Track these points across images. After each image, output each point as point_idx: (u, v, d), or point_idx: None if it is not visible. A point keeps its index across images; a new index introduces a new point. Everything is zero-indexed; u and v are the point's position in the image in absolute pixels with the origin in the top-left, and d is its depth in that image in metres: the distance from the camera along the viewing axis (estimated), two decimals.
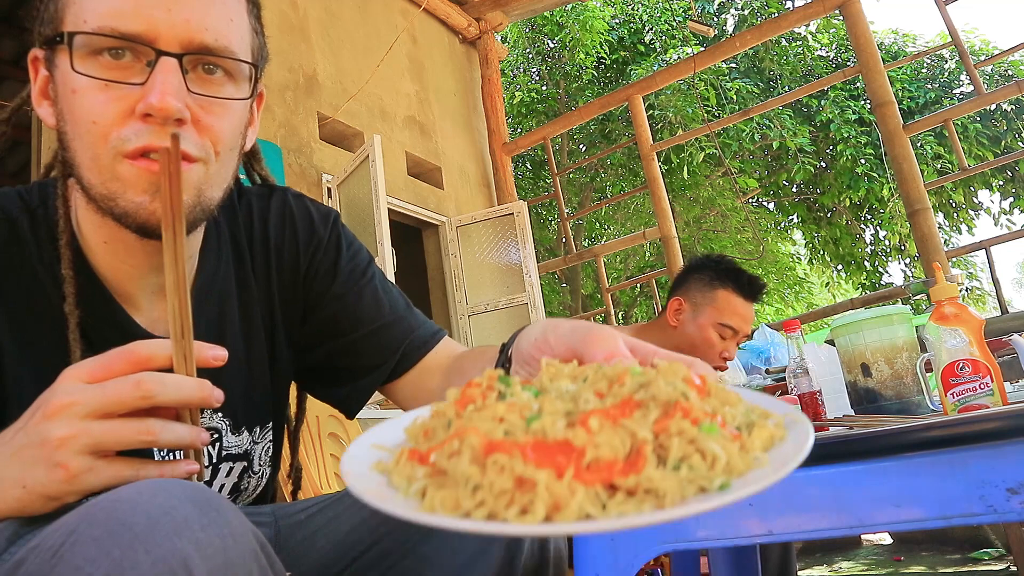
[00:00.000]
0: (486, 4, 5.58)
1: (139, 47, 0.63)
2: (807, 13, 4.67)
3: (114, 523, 0.44)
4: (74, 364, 0.55)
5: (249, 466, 0.88)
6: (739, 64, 9.45)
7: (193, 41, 0.64)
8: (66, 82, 0.65)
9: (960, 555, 3.24)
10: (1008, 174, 8.88)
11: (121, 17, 0.62)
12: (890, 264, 9.93)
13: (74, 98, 0.64)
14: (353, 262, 0.90)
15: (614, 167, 10.04)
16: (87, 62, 0.63)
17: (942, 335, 0.95)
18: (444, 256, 5.03)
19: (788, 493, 0.69)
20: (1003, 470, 0.60)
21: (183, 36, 0.64)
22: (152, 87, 0.62)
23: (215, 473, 0.85)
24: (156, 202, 0.64)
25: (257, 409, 0.88)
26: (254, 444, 0.89)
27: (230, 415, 0.85)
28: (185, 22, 0.64)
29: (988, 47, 9.15)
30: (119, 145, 0.63)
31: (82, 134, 0.64)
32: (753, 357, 3.41)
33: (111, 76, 0.63)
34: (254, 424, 0.88)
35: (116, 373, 0.53)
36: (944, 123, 4.11)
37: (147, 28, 0.62)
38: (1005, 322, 2.77)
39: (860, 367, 1.23)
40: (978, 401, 0.91)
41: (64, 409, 0.52)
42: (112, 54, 0.63)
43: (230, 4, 0.68)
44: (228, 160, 0.71)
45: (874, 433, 0.76)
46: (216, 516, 0.47)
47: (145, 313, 0.78)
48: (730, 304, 1.88)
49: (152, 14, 0.62)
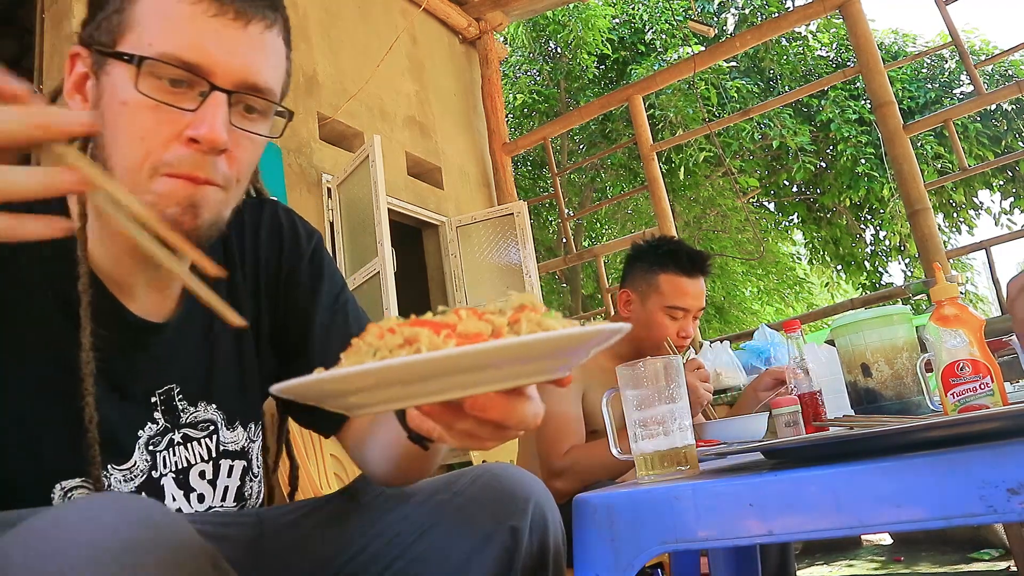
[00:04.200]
0: (486, 4, 5.58)
1: (196, 78, 0.68)
2: (807, 13, 4.67)
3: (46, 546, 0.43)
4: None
5: (248, 467, 0.89)
6: (739, 64, 9.45)
7: (245, 81, 0.71)
8: (117, 93, 0.69)
9: (960, 555, 3.23)
10: (1008, 174, 8.87)
11: (186, 49, 0.67)
12: (890, 264, 9.93)
13: (124, 110, 0.68)
14: (331, 285, 0.94)
15: (614, 167, 10.04)
16: (145, 81, 0.67)
17: (942, 335, 0.95)
18: (444, 256, 5.03)
19: (788, 493, 0.69)
20: (1003, 470, 0.60)
21: (237, 75, 0.70)
22: (204, 118, 0.68)
23: (216, 471, 0.85)
24: (187, 215, 0.68)
25: (251, 406, 0.90)
26: (250, 442, 0.90)
27: (224, 409, 0.86)
28: (240, 63, 0.70)
29: (988, 47, 9.15)
30: (158, 165, 0.68)
31: (125, 144, 0.68)
32: (753, 357, 3.42)
33: (165, 99, 0.68)
34: (248, 420, 0.89)
35: None
36: (944, 123, 4.11)
37: (207, 63, 0.68)
38: (1005, 322, 2.77)
39: (860, 367, 1.23)
40: (978, 401, 0.91)
41: None
42: (169, 79, 0.68)
43: (278, 51, 0.75)
44: (244, 185, 0.77)
45: (874, 433, 0.76)
46: (160, 531, 0.47)
47: (139, 303, 0.79)
48: (673, 286, 1.87)
49: (213, 51, 0.68)
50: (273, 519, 0.84)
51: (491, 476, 0.80)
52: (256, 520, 0.83)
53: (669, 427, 0.88)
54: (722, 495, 0.72)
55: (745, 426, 1.48)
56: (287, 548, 0.83)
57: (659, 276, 1.89)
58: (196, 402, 0.84)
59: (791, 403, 1.29)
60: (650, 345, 1.86)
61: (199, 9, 0.68)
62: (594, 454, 1.68)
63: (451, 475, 0.84)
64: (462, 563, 0.76)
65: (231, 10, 0.69)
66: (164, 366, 0.82)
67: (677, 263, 1.89)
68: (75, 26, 0.76)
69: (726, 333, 7.97)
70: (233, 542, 0.78)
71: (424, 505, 0.81)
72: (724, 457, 1.14)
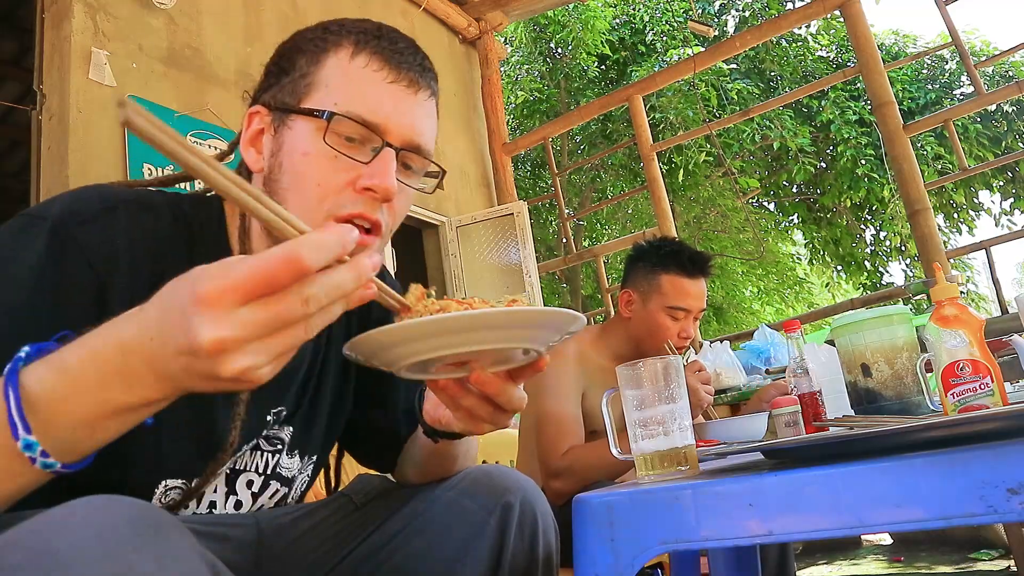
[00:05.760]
0: (486, 4, 5.58)
1: (371, 135, 0.77)
2: (807, 13, 4.67)
3: (37, 549, 0.43)
4: (221, 266, 0.48)
5: (287, 496, 0.91)
6: (740, 65, 9.45)
7: (412, 141, 0.80)
8: (298, 146, 0.77)
9: (960, 555, 3.23)
10: (1008, 175, 8.88)
11: (368, 110, 0.76)
12: (890, 264, 9.93)
13: (305, 160, 0.76)
14: None
15: (614, 167, 10.04)
16: (329, 135, 0.75)
17: (942, 335, 0.95)
18: (444, 256, 5.03)
19: (788, 493, 0.69)
20: (1003, 470, 0.60)
21: (406, 136, 0.79)
22: (378, 170, 0.76)
23: (264, 488, 0.87)
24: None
25: (319, 442, 0.93)
26: (300, 473, 0.92)
27: (296, 436, 0.89)
28: (410, 126, 0.79)
29: (988, 48, 9.15)
30: (334, 209, 0.75)
31: (302, 190, 0.76)
32: (753, 357, 3.42)
33: (344, 151, 0.76)
34: (309, 452, 0.92)
35: (278, 288, 0.48)
36: (944, 123, 4.11)
37: (384, 123, 0.77)
38: (1005, 322, 2.77)
39: (860, 367, 1.23)
40: (978, 401, 0.90)
41: (228, 348, 0.47)
42: (346, 135, 0.76)
43: (434, 117, 0.85)
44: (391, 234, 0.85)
45: (874, 433, 0.76)
46: (153, 537, 0.46)
47: None
48: (675, 286, 1.88)
49: (390, 113, 0.77)
50: (270, 521, 0.85)
51: (481, 472, 0.87)
52: (254, 522, 0.83)
53: (669, 427, 0.88)
54: (722, 495, 0.72)
55: (745, 426, 1.48)
56: (286, 549, 0.84)
57: (661, 276, 1.89)
58: (285, 424, 0.88)
59: (791, 403, 1.28)
60: (651, 345, 1.86)
61: (380, 76, 0.78)
62: (593, 454, 1.67)
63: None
64: (458, 554, 0.78)
65: (406, 79, 0.79)
66: (285, 385, 0.86)
67: (679, 264, 1.89)
68: (250, 89, 0.88)
69: (726, 333, 7.97)
70: (232, 544, 0.79)
71: (419, 502, 0.86)
72: (724, 457, 1.14)
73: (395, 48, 0.80)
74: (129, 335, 0.51)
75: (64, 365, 0.52)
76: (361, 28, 0.81)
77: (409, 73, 0.79)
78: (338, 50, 0.79)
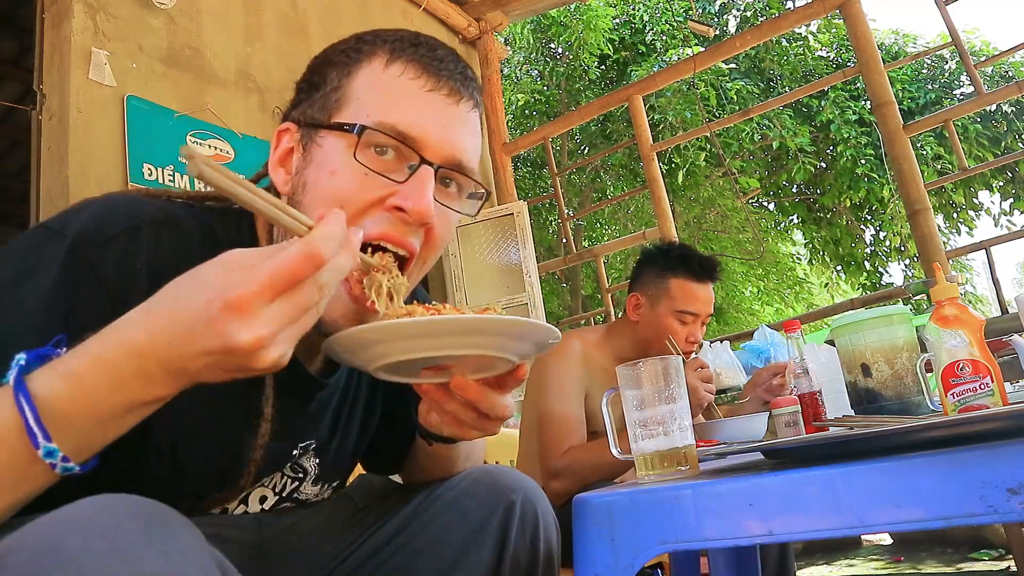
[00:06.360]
0: (486, 4, 5.57)
1: (407, 150, 0.70)
2: (807, 13, 4.67)
3: (45, 546, 0.43)
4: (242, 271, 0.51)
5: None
6: (740, 64, 9.44)
7: (453, 158, 0.72)
8: (326, 163, 0.70)
9: (960, 555, 3.24)
10: (1008, 175, 8.87)
11: (403, 121, 0.69)
12: (890, 264, 9.92)
13: (331, 179, 0.70)
14: None
15: (614, 167, 10.04)
16: (360, 151, 0.69)
17: (942, 335, 0.95)
18: (444, 256, 5.03)
19: (788, 493, 0.69)
20: (1003, 470, 0.60)
21: (446, 152, 0.71)
22: (413, 190, 0.69)
23: (277, 505, 0.87)
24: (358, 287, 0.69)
25: (342, 471, 0.93)
26: (316, 497, 0.91)
27: (322, 469, 0.88)
28: (452, 141, 0.72)
29: (988, 48, 9.15)
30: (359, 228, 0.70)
31: (326, 208, 0.71)
32: (753, 357, 3.41)
33: (376, 168, 0.69)
34: (332, 480, 0.92)
35: (299, 281, 0.52)
36: (944, 123, 4.11)
37: (421, 136, 0.70)
38: (1005, 322, 2.77)
39: (860, 367, 1.23)
40: (978, 401, 0.90)
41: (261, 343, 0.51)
42: (379, 150, 0.70)
43: (478, 132, 0.78)
44: (433, 262, 0.81)
45: (874, 433, 0.76)
46: (161, 534, 0.46)
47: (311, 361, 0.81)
48: (684, 291, 1.88)
49: (427, 126, 0.70)
50: (271, 523, 0.85)
51: (481, 472, 0.87)
52: (255, 523, 0.83)
53: (669, 427, 0.88)
54: (722, 495, 0.72)
55: (745, 426, 1.48)
56: (286, 550, 0.84)
57: (670, 280, 1.89)
58: (312, 456, 0.87)
59: (791, 403, 1.28)
60: (658, 349, 1.86)
61: (417, 85, 0.71)
62: (593, 454, 1.67)
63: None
64: (459, 553, 0.78)
65: (446, 87, 0.72)
66: (316, 421, 0.84)
67: (688, 268, 1.89)
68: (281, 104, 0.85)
69: (726, 333, 7.97)
70: (232, 545, 0.79)
71: (420, 502, 0.86)
72: (724, 457, 1.14)
73: (434, 55, 0.73)
74: (140, 340, 0.52)
75: (71, 371, 0.52)
76: (397, 36, 0.75)
77: (450, 81, 0.72)
78: (372, 60, 0.73)
